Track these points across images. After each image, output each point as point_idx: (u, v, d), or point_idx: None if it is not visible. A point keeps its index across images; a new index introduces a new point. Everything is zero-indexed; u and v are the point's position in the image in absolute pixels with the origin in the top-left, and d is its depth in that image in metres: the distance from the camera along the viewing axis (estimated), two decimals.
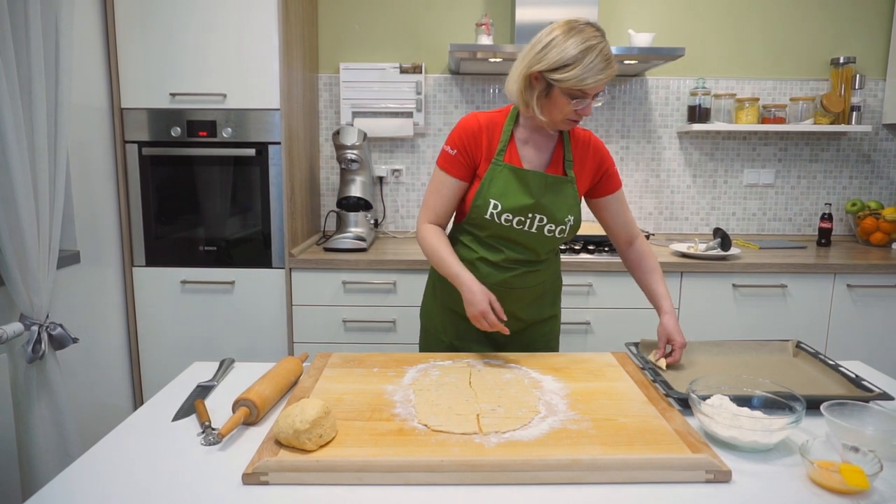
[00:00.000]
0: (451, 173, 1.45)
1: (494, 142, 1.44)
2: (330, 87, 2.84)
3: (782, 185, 2.94)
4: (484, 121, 1.44)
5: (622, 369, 1.37)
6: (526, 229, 1.44)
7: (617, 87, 2.86)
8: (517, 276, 1.49)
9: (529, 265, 1.49)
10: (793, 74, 2.87)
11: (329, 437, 1.02)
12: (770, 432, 1.00)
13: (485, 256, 1.48)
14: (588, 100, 1.33)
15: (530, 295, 1.52)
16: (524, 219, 1.43)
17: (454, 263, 1.42)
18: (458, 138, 1.44)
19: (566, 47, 1.28)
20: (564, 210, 1.45)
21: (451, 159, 1.44)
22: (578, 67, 1.28)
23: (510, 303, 1.50)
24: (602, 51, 1.29)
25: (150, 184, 2.33)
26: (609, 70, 1.30)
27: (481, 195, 1.43)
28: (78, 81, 2.07)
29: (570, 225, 1.47)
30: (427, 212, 1.49)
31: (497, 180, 1.42)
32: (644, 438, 1.04)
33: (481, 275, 1.48)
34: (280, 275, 2.37)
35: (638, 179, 2.93)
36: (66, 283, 2.01)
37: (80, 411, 2.06)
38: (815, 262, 2.38)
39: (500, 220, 1.42)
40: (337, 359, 1.43)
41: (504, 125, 1.45)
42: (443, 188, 1.46)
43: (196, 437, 1.09)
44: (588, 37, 1.29)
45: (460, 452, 0.99)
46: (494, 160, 1.43)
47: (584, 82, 1.29)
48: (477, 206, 1.44)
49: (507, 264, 1.48)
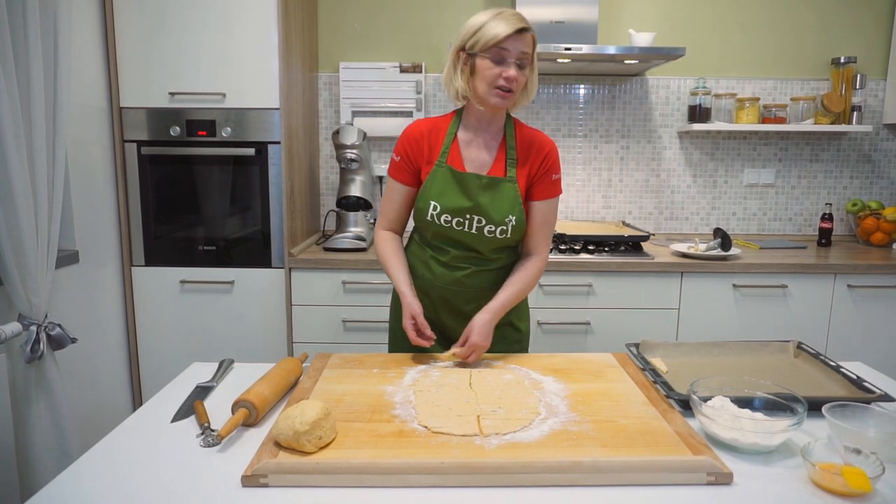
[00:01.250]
0: (397, 179, 1.51)
1: (436, 146, 1.47)
2: (330, 86, 2.84)
3: (783, 185, 2.93)
4: (426, 127, 1.49)
5: (623, 370, 1.37)
6: (466, 230, 1.46)
7: (617, 86, 2.86)
8: (469, 276, 1.50)
9: (480, 264, 1.50)
10: (793, 74, 2.86)
11: (329, 438, 1.02)
12: (771, 434, 1.00)
13: (434, 256, 1.52)
14: (510, 60, 1.35)
15: (485, 296, 1.49)
16: (462, 220, 1.45)
17: (397, 275, 1.49)
18: (401, 146, 1.49)
19: (478, 17, 1.38)
20: (504, 210, 1.45)
21: (397, 166, 1.50)
22: (488, 25, 1.34)
23: (465, 303, 1.52)
24: (514, 13, 1.35)
25: (149, 183, 2.33)
26: (518, 21, 1.34)
27: (423, 197, 1.47)
28: (77, 80, 2.06)
29: (512, 225, 1.46)
30: (381, 218, 1.57)
31: (436, 182, 1.45)
32: (645, 440, 1.04)
33: (434, 275, 1.51)
34: (279, 274, 2.37)
35: (638, 179, 2.93)
36: (64, 282, 2.01)
37: (80, 411, 2.05)
38: (816, 262, 2.37)
39: (440, 220, 1.45)
40: (336, 359, 1.42)
41: (448, 128, 1.48)
42: (392, 194, 1.53)
43: (195, 438, 1.08)
44: (501, 9, 1.37)
45: (460, 454, 0.98)
46: (437, 162, 1.46)
47: (498, 36, 1.33)
48: (419, 208, 1.48)
49: (455, 263, 1.50)
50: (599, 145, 2.90)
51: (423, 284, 1.53)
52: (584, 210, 2.95)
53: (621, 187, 2.93)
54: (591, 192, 2.94)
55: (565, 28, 2.52)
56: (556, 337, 2.39)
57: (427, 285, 1.53)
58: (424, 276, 1.53)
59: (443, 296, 1.53)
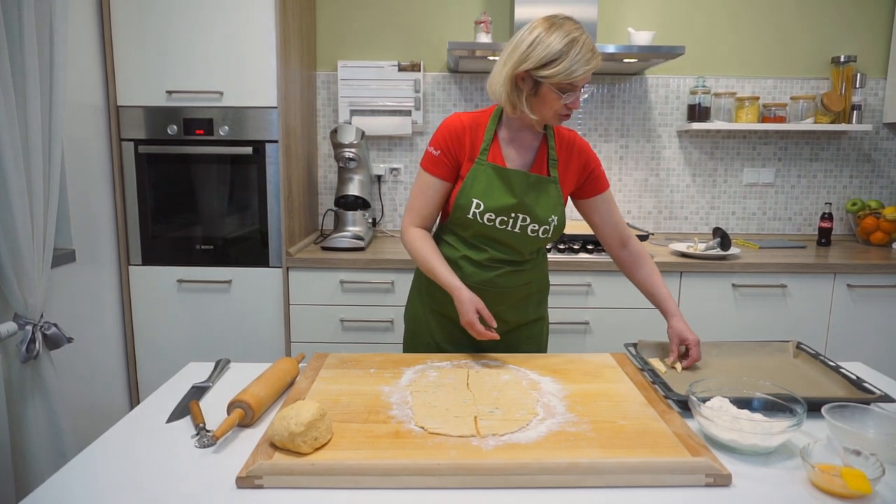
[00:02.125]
0: (434, 174, 1.45)
1: (478, 141, 1.44)
2: (328, 84, 2.83)
3: (782, 185, 2.93)
4: (467, 121, 1.45)
5: (621, 370, 1.36)
6: (509, 229, 1.44)
7: (616, 85, 2.85)
8: (501, 276, 1.48)
9: (513, 265, 1.49)
10: (793, 73, 2.85)
11: (325, 439, 1.01)
12: (770, 435, 0.99)
13: (468, 255, 1.48)
14: (577, 92, 1.35)
15: (515, 296, 1.51)
16: (507, 218, 1.43)
17: (444, 272, 1.42)
18: (441, 139, 1.44)
19: (551, 42, 1.30)
20: (548, 210, 1.44)
21: (435, 160, 1.45)
22: (566, 61, 1.29)
23: (495, 303, 1.50)
24: (586, 42, 1.32)
25: (146, 182, 2.32)
26: (595, 60, 1.32)
27: (464, 194, 1.43)
28: (73, 79, 2.05)
29: (554, 225, 1.46)
30: (411, 214, 1.49)
31: (480, 180, 1.42)
32: (643, 441, 1.03)
33: (464, 274, 1.47)
34: (277, 274, 2.36)
35: (637, 178, 2.92)
36: (61, 281, 2.00)
37: (76, 411, 2.04)
38: (815, 261, 2.37)
39: (483, 219, 1.42)
40: (333, 359, 1.41)
41: (487, 125, 1.45)
42: (427, 189, 1.47)
43: (190, 439, 1.07)
44: (570, 30, 1.31)
45: (457, 455, 0.98)
46: (478, 160, 1.43)
47: (574, 75, 1.30)
48: (460, 205, 1.43)
49: (490, 263, 1.47)
50: (599, 144, 2.89)
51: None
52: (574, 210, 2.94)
53: (620, 186, 2.92)
54: None
55: None
56: (555, 336, 2.38)
57: None
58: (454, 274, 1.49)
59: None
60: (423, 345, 1.58)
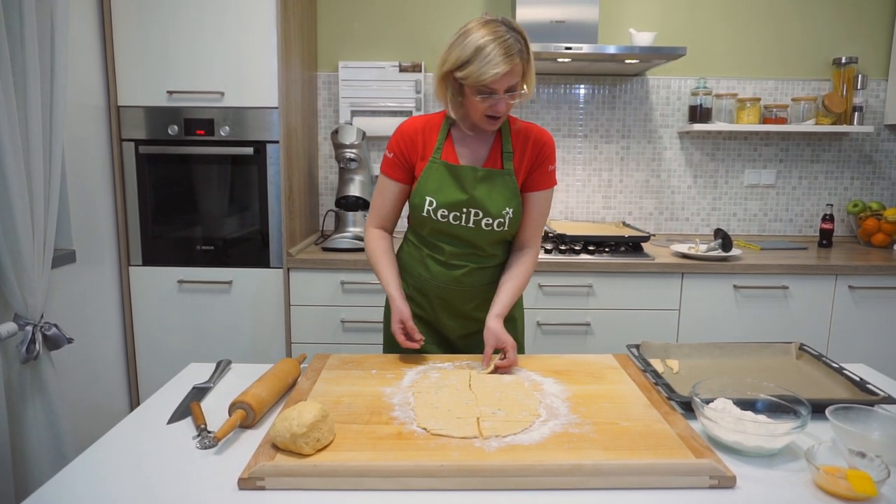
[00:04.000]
0: (390, 176, 1.49)
1: (431, 142, 1.47)
2: (329, 85, 2.82)
3: (783, 186, 2.92)
4: (420, 123, 1.48)
5: (624, 372, 1.36)
6: (463, 224, 1.45)
7: (617, 86, 2.85)
8: (466, 274, 1.49)
9: (477, 261, 1.49)
10: (794, 74, 2.85)
11: (327, 440, 1.01)
12: (775, 437, 0.99)
13: (431, 254, 1.51)
14: (498, 96, 1.32)
15: (483, 294, 1.51)
16: (459, 213, 1.44)
17: (387, 277, 1.47)
18: (394, 142, 1.48)
19: (465, 44, 1.29)
20: (500, 203, 1.44)
21: (390, 162, 1.49)
22: (474, 63, 1.28)
23: (463, 302, 1.52)
24: (502, 45, 1.26)
25: (146, 182, 2.31)
26: (507, 64, 1.27)
27: (418, 193, 1.45)
28: (74, 79, 2.05)
29: (510, 217, 1.45)
30: (373, 215, 1.55)
31: (432, 177, 1.44)
32: (647, 443, 1.03)
33: (432, 274, 1.51)
34: (278, 275, 2.36)
35: (638, 179, 2.92)
36: (61, 282, 1.99)
37: (76, 412, 2.04)
38: (817, 263, 2.36)
39: (437, 216, 1.44)
40: (335, 360, 1.41)
41: (441, 125, 1.47)
42: (384, 191, 1.51)
43: (191, 440, 1.07)
44: (488, 31, 1.28)
45: (460, 457, 0.97)
46: (431, 158, 1.45)
47: (481, 78, 1.28)
48: (414, 203, 1.47)
49: (453, 261, 1.49)
50: (600, 145, 2.89)
51: (421, 284, 1.53)
52: (585, 210, 2.94)
53: (621, 188, 2.92)
54: (592, 192, 2.93)
55: (565, 28, 2.51)
56: (556, 338, 2.38)
57: (425, 285, 1.52)
58: (422, 275, 1.52)
59: (441, 295, 1.52)
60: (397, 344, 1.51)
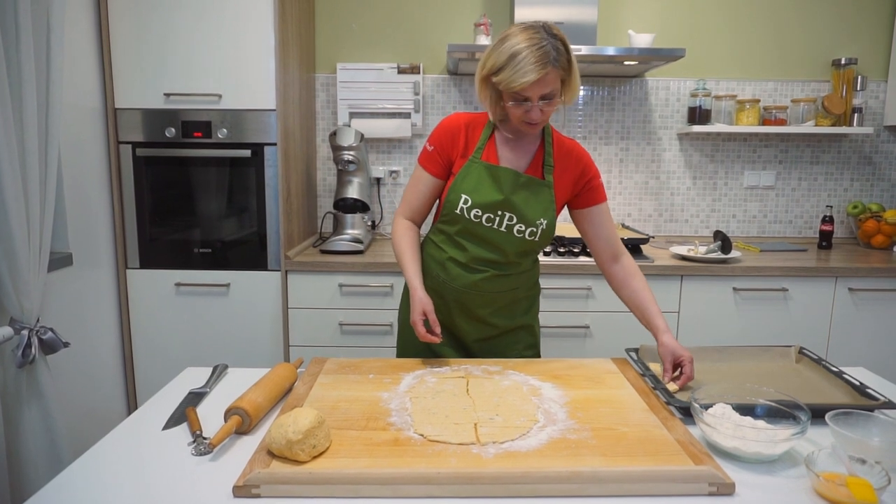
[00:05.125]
0: (427, 169, 1.48)
1: (473, 140, 1.46)
2: (327, 87, 2.82)
3: (783, 188, 2.92)
4: (465, 120, 1.47)
5: (622, 376, 1.35)
6: (495, 227, 1.43)
7: (616, 87, 2.84)
8: (486, 280, 1.47)
9: (499, 267, 1.48)
10: (794, 76, 2.85)
11: (323, 447, 1.00)
12: (774, 443, 0.98)
13: (454, 256, 1.48)
14: (531, 103, 1.31)
15: (501, 300, 1.50)
16: (493, 216, 1.42)
17: (410, 267, 1.46)
18: (437, 136, 1.47)
19: (501, 50, 1.29)
20: (537, 212, 1.43)
21: (429, 156, 1.47)
22: (506, 70, 1.28)
23: (480, 307, 1.50)
24: (537, 51, 1.25)
25: (144, 185, 2.30)
26: (539, 72, 1.26)
27: (454, 190, 1.44)
28: (71, 81, 2.04)
29: (542, 229, 1.44)
30: (403, 205, 1.54)
31: (470, 176, 1.43)
32: (645, 449, 1.02)
33: (450, 276, 1.49)
34: (276, 277, 2.35)
35: (637, 181, 2.91)
36: (58, 285, 1.98)
37: (73, 416, 2.03)
38: (817, 265, 2.36)
39: (470, 215, 1.43)
40: (332, 364, 1.40)
41: (486, 125, 1.47)
42: (419, 184, 1.50)
43: (187, 446, 1.06)
44: (525, 38, 1.27)
45: (457, 464, 0.96)
46: (472, 157, 1.44)
47: (512, 85, 1.28)
48: (449, 200, 1.45)
49: (475, 265, 1.47)
50: (599, 147, 2.88)
51: (438, 286, 1.50)
52: None
53: (621, 189, 2.91)
54: None
55: (564, 29, 2.40)
56: (555, 340, 2.37)
57: (441, 287, 1.50)
58: (439, 276, 1.50)
59: (457, 298, 1.50)
60: (412, 346, 1.56)
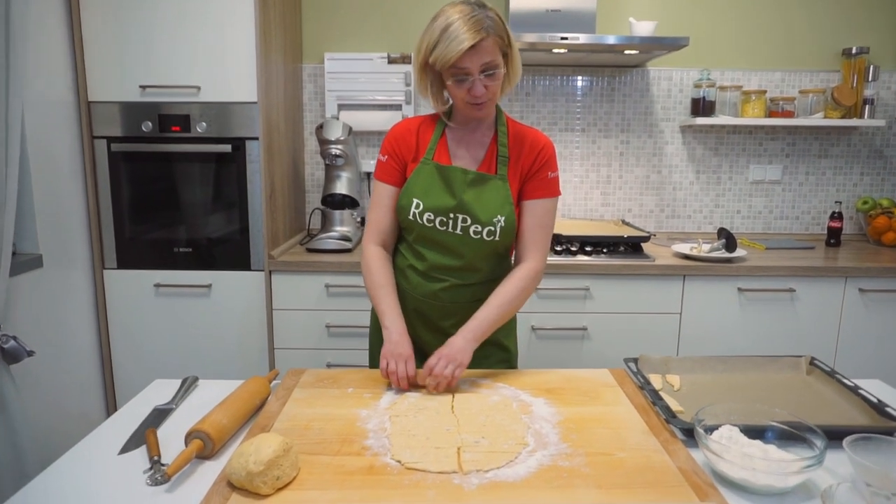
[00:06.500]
0: (385, 181, 1.40)
1: (424, 143, 1.38)
2: (315, 78, 2.70)
3: (790, 182, 2.81)
4: (415, 124, 1.40)
5: (620, 390, 1.26)
6: (449, 230, 1.35)
7: (617, 78, 2.73)
8: (446, 290, 1.39)
9: (459, 275, 1.38)
10: (802, 65, 2.73)
11: (288, 477, 0.91)
12: (786, 475, 0.88)
13: (413, 264, 1.41)
14: (472, 77, 1.24)
15: (463, 312, 1.37)
16: (446, 219, 1.34)
17: (385, 308, 1.34)
18: (388, 144, 1.39)
19: (434, 27, 1.24)
20: (491, 210, 1.33)
21: (384, 166, 1.40)
22: (441, 44, 1.22)
23: (441, 318, 1.41)
24: (469, 20, 1.21)
25: (120, 182, 2.20)
26: (473, 38, 1.20)
27: (405, 195, 1.36)
28: (39, 72, 1.93)
29: (501, 227, 1.34)
30: (371, 230, 1.42)
31: (421, 178, 1.35)
32: (644, 479, 0.93)
33: (411, 285, 1.41)
34: (259, 277, 2.25)
35: (638, 175, 2.80)
36: (25, 289, 1.88)
37: (50, 424, 1.94)
38: (825, 264, 2.25)
39: (423, 220, 1.34)
40: (309, 377, 1.31)
41: (436, 125, 1.39)
42: (382, 200, 1.40)
43: (142, 474, 0.97)
44: (456, 11, 1.23)
45: (436, 497, 0.87)
46: (423, 159, 1.36)
47: (448, 56, 1.21)
48: (401, 205, 1.37)
49: (434, 273, 1.38)
50: (598, 140, 2.77)
51: (399, 295, 1.40)
52: (582, 208, 2.83)
53: (621, 184, 2.81)
54: (589, 188, 2.81)
55: (562, 17, 2.39)
56: (551, 343, 2.27)
57: (403, 295, 1.41)
58: (401, 285, 1.42)
59: (418, 308, 1.42)
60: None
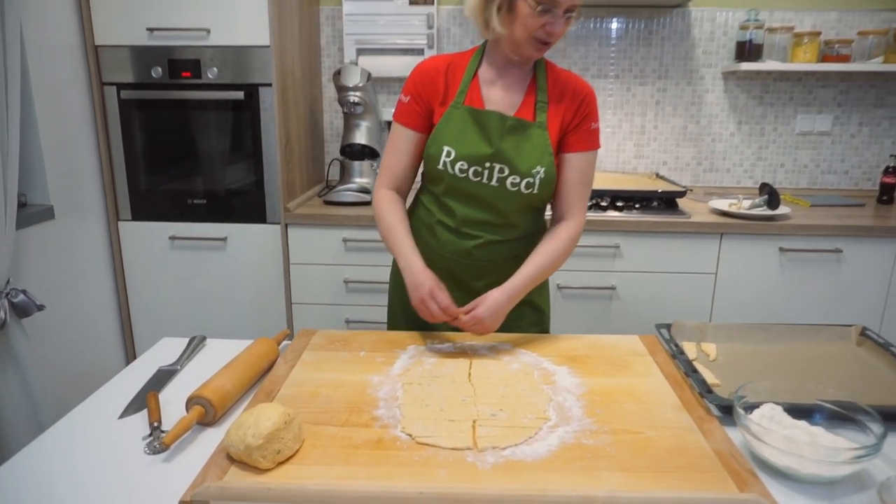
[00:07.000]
0: (406, 125, 1.29)
1: (454, 84, 1.26)
2: (332, 21, 2.56)
3: (840, 134, 2.60)
4: (443, 63, 1.28)
5: (651, 360, 1.17)
6: (484, 181, 1.24)
7: (655, 19, 2.52)
8: (480, 247, 1.28)
9: (494, 231, 1.28)
10: (862, 4, 2.48)
11: (290, 451, 0.85)
12: (836, 464, 0.79)
13: (442, 220, 1.30)
14: (558, 10, 1.13)
15: (497, 271, 1.28)
16: (481, 169, 1.23)
17: (404, 243, 1.26)
18: (411, 84, 1.27)
19: None
20: (531, 159, 1.23)
21: (405, 108, 1.28)
22: None
23: (474, 279, 1.32)
24: None
25: (133, 130, 2.13)
26: None
27: (434, 142, 1.25)
28: (40, 14, 1.84)
29: (540, 178, 1.23)
30: (384, 174, 1.32)
31: (452, 124, 1.23)
32: (676, 462, 0.85)
33: (440, 242, 1.31)
34: (276, 230, 2.18)
35: (675, 126, 2.63)
36: (37, 241, 1.85)
37: (65, 376, 1.94)
38: (876, 223, 2.09)
39: (455, 170, 1.23)
40: (320, 339, 1.25)
41: (468, 65, 1.27)
42: (399, 143, 1.30)
43: (141, 440, 0.93)
44: None
45: (447, 477, 0.81)
46: (453, 103, 1.24)
47: None
48: (429, 154, 1.26)
49: (466, 229, 1.28)
50: (633, 87, 2.59)
51: (427, 253, 1.30)
52: (614, 160, 2.68)
53: (656, 134, 2.64)
54: (623, 139, 2.65)
55: None
56: (578, 302, 2.18)
57: (431, 254, 1.31)
58: (429, 243, 1.32)
59: (448, 268, 1.32)
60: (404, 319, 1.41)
